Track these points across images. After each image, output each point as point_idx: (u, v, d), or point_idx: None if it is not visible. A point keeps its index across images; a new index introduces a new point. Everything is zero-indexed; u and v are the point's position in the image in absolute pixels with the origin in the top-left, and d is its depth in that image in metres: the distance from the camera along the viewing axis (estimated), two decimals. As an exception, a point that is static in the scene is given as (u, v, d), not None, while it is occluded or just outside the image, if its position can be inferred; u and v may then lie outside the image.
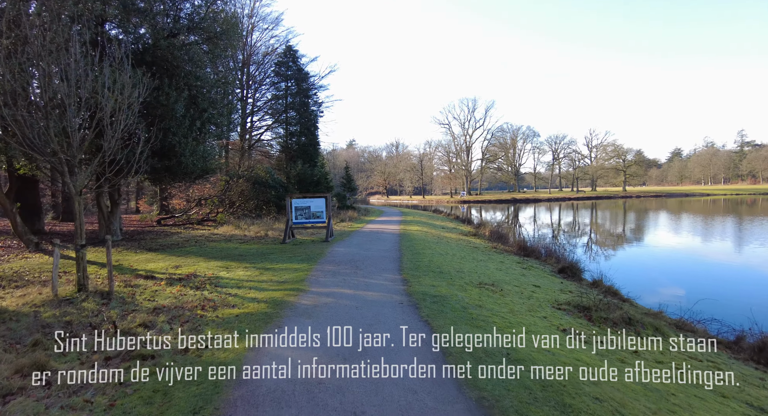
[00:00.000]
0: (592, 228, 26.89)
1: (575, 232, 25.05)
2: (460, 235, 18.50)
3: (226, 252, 11.83)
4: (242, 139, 37.75)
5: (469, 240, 17.08)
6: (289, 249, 11.95)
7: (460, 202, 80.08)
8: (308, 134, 34.58)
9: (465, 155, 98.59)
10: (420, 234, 16.61)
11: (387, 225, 21.04)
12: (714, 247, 18.04)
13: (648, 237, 21.68)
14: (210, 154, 14.83)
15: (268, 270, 8.89)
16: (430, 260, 9.98)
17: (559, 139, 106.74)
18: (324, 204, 14.42)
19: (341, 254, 10.85)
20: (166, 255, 11.27)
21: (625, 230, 24.73)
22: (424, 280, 7.55)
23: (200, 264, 9.86)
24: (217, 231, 17.62)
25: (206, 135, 14.48)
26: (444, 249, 12.44)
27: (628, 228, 25.81)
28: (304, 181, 26.22)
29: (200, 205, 25.68)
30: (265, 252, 11.49)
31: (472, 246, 14.77)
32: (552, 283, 9.49)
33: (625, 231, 24.45)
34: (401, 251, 11.28)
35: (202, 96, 14.26)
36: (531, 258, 14.08)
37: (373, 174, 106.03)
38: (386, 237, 14.89)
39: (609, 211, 44.03)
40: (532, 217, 40.73)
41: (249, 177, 25.90)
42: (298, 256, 10.59)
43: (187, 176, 14.69)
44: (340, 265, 9.09)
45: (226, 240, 14.47)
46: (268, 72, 38.04)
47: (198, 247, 12.85)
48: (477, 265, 10.30)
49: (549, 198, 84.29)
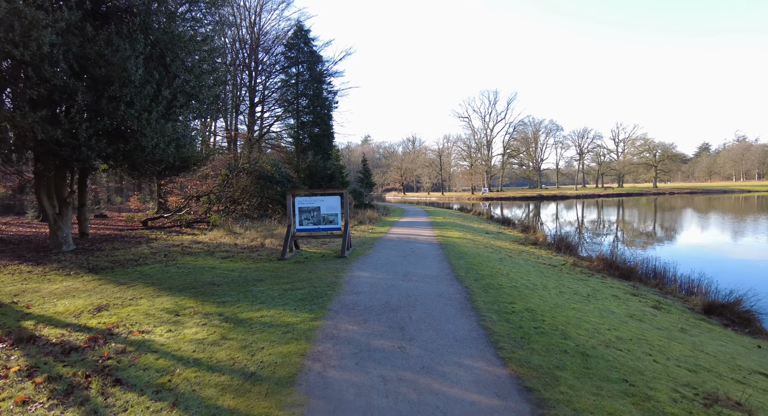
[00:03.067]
0: (674, 232, 22.22)
1: (654, 238, 20.48)
2: (514, 244, 14.31)
3: (194, 276, 7.95)
4: (250, 129, 34.12)
5: (532, 251, 12.88)
6: (287, 274, 8.00)
7: (482, 198, 75.50)
8: (321, 124, 30.79)
9: (486, 150, 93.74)
10: (466, 243, 12.50)
11: (416, 228, 16.97)
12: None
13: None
14: (186, 137, 10.96)
15: (239, 328, 4.94)
16: (519, 300, 5.87)
17: (584, 134, 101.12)
18: (339, 204, 10.43)
19: (367, 286, 6.83)
20: (103, 282, 7.45)
21: (739, 236, 19.94)
22: (565, 380, 3.44)
23: (139, 306, 5.99)
24: (203, 237, 13.82)
25: (179, 110, 10.61)
26: (520, 273, 8.31)
27: (735, 232, 21.00)
28: (316, 175, 22.29)
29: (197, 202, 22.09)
30: (251, 279, 7.56)
31: (547, 264, 10.59)
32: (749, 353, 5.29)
33: (740, 237, 19.61)
34: (461, 279, 7.21)
35: (174, 57, 10.38)
36: (634, 282, 9.86)
37: (389, 170, 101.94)
38: (424, 250, 10.82)
39: (663, 210, 39.03)
40: (574, 217, 36.07)
41: (251, 170, 22.13)
42: (299, 290, 6.61)
43: (153, 165, 10.84)
44: (368, 319, 5.05)
45: (206, 253, 10.62)
46: (278, 57, 34.22)
47: (161, 266, 9.01)
48: (605, 314, 6.13)
49: (576, 194, 79.01)
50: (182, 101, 10.66)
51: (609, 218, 33.48)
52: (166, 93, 10.04)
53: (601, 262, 11.73)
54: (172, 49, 10.38)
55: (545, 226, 24.95)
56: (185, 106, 10.77)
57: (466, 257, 9.65)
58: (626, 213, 37.32)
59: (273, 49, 34.31)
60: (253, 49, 33.90)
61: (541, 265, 10.27)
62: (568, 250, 14.29)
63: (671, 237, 20.22)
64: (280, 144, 35.84)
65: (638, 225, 26.55)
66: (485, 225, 20.71)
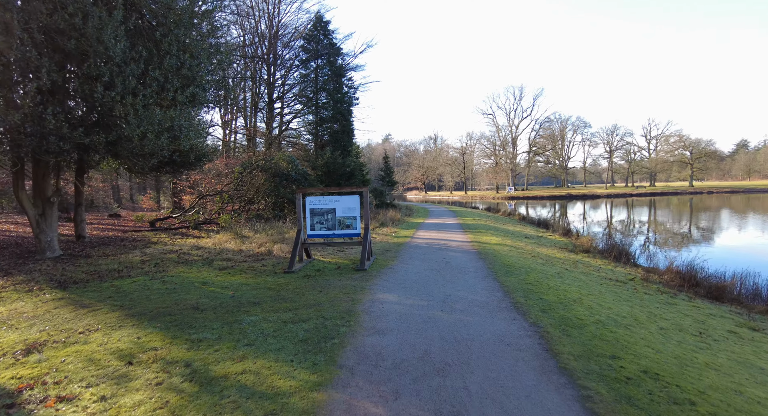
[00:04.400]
0: (744, 237, 19.62)
1: (714, 242, 18.00)
2: (563, 251, 12.25)
3: (178, 296, 6.33)
4: (268, 126, 32.86)
5: (587, 262, 10.83)
6: (292, 294, 6.27)
7: (507, 197, 72.66)
8: (341, 120, 29.22)
9: (511, 147, 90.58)
10: (509, 252, 10.55)
11: (445, 232, 15.07)
12: None
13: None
14: (182, 127, 9.39)
15: (204, 395, 3.22)
16: (622, 351, 3.96)
17: (613, 130, 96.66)
18: (357, 205, 8.67)
19: (395, 320, 5.03)
20: (62, 305, 5.91)
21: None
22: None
23: (87, 344, 4.39)
24: (207, 241, 12.32)
25: (174, 95, 9.05)
26: (593, 296, 6.34)
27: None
28: (334, 172, 20.62)
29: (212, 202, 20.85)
30: (245, 302, 5.87)
31: (614, 280, 8.56)
32: None
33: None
34: (523, 309, 5.32)
35: (166, 32, 8.83)
36: (731, 305, 7.73)
37: (410, 168, 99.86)
38: (461, 261, 8.94)
39: (712, 210, 35.79)
40: (614, 218, 33.35)
41: (266, 167, 20.66)
42: (302, 322, 4.87)
43: (144, 159, 9.32)
44: (400, 392, 3.19)
45: (204, 262, 9.05)
46: (297, 51, 32.81)
47: (145, 280, 7.45)
48: (757, 375, 4.17)
49: (607, 194, 75.13)
50: (177, 85, 9.09)
51: (654, 219, 30.66)
52: (156, 74, 8.48)
53: (676, 276, 9.59)
54: (164, 23, 8.83)
55: (587, 229, 22.55)
56: (180, 91, 9.20)
57: (516, 271, 7.72)
58: (672, 214, 34.30)
59: (292, 43, 32.90)
60: (271, 43, 32.56)
61: (607, 281, 8.25)
62: (626, 259, 12.14)
63: (745, 243, 17.62)
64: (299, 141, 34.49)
65: (694, 229, 23.84)
66: (521, 228, 18.60)
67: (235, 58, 27.65)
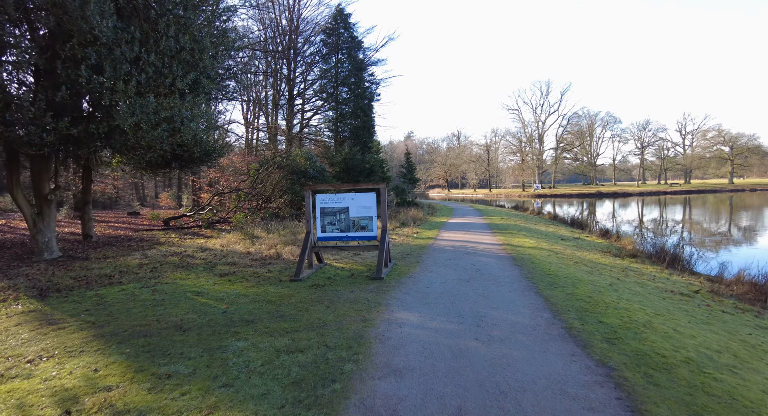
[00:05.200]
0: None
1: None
2: (606, 256, 10.86)
3: (163, 310, 5.43)
4: (288, 123, 32.25)
5: (636, 268, 9.44)
6: (294, 309, 5.25)
7: (534, 195, 70.22)
8: (362, 115, 28.32)
9: (537, 143, 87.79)
10: (547, 256, 9.27)
11: (472, 232, 13.85)
12: None
13: None
14: (183, 118, 8.53)
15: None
16: (736, 406, 2.77)
17: (645, 126, 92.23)
18: (374, 203, 7.59)
19: (415, 353, 3.93)
20: (25, 321, 5.09)
21: None
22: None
23: (30, 379, 3.51)
24: (215, 242, 11.54)
25: (169, 80, 8.19)
26: (662, 316, 5.05)
27: None
28: (353, 168, 19.62)
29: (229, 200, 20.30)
30: (238, 320, 4.89)
31: (676, 292, 7.18)
32: None
33: None
34: (581, 337, 4.13)
35: (163, 11, 7.97)
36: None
37: (433, 166, 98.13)
38: (494, 268, 7.76)
39: (761, 209, 33.10)
40: (651, 217, 31.21)
41: (283, 164, 19.90)
42: (299, 353, 3.84)
43: (142, 153, 8.51)
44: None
45: (205, 267, 8.18)
46: (318, 45, 32.04)
47: (134, 288, 6.62)
48: None
49: (639, 191, 71.57)
50: (176, 71, 8.23)
51: (697, 219, 28.41)
52: (152, 57, 7.63)
53: (751, 288, 8.11)
54: (160, 1, 7.97)
55: (625, 229, 20.75)
56: (180, 79, 8.34)
57: (561, 283, 6.49)
58: (715, 213, 31.82)
59: (312, 38, 32.13)
60: (291, 38, 31.87)
61: (669, 295, 6.91)
62: (678, 265, 10.66)
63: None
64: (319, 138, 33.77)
65: (747, 230, 21.73)
66: (554, 229, 17.15)
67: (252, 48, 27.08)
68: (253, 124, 34.85)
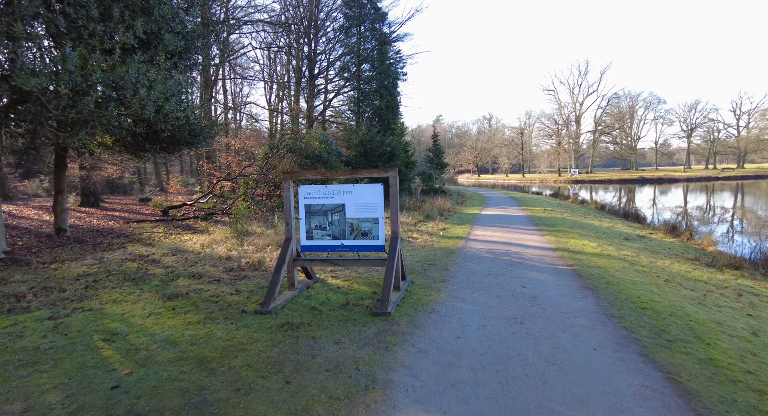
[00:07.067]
0: None
1: None
2: (693, 265, 8.15)
3: (22, 382, 3.37)
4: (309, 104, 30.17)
5: (751, 287, 6.75)
6: (225, 394, 3.03)
7: (571, 181, 65.74)
8: (386, 94, 25.80)
9: (574, 126, 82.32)
10: (623, 270, 6.71)
11: (512, 230, 11.32)
12: None
13: None
14: (137, 83, 6.39)
15: None
16: None
17: (694, 106, 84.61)
18: (381, 198, 5.26)
19: None
20: None
21: None
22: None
23: None
24: (198, 239, 9.59)
25: (100, 26, 6.06)
26: None
27: None
28: (372, 152, 17.26)
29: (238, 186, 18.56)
30: (124, 414, 2.77)
31: None
32: None
33: None
34: None
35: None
36: None
37: (462, 150, 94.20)
38: (553, 295, 5.33)
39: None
40: (716, 208, 27.36)
41: (294, 148, 17.83)
42: None
43: (73, 129, 6.46)
44: None
45: (161, 280, 6.15)
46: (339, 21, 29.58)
47: (39, 317, 4.63)
48: None
49: (687, 177, 65.72)
50: (117, 17, 6.08)
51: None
52: (117, 10, 5.49)
53: None
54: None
55: (695, 224, 17.44)
56: (125, 30, 6.18)
57: (674, 329, 4.01)
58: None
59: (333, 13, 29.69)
60: (312, 14, 29.48)
61: None
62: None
63: None
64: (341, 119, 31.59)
65: None
66: (608, 223, 14.31)
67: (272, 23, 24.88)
68: (277, 107, 33.10)
